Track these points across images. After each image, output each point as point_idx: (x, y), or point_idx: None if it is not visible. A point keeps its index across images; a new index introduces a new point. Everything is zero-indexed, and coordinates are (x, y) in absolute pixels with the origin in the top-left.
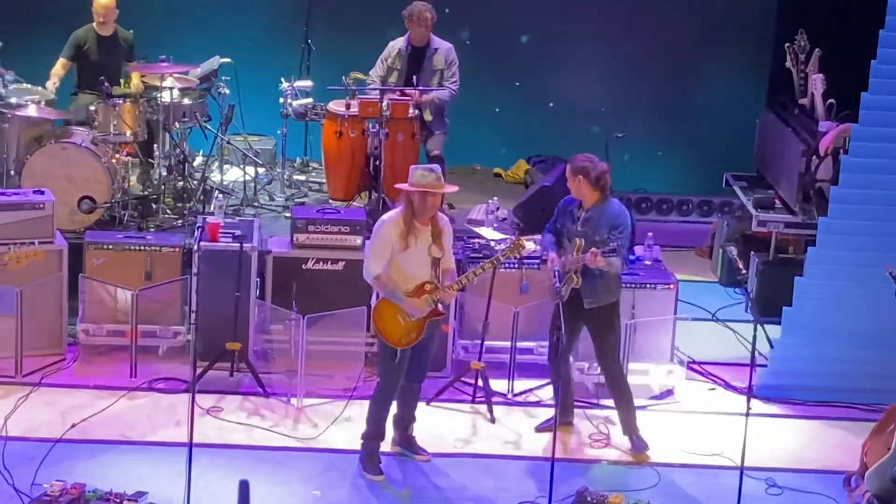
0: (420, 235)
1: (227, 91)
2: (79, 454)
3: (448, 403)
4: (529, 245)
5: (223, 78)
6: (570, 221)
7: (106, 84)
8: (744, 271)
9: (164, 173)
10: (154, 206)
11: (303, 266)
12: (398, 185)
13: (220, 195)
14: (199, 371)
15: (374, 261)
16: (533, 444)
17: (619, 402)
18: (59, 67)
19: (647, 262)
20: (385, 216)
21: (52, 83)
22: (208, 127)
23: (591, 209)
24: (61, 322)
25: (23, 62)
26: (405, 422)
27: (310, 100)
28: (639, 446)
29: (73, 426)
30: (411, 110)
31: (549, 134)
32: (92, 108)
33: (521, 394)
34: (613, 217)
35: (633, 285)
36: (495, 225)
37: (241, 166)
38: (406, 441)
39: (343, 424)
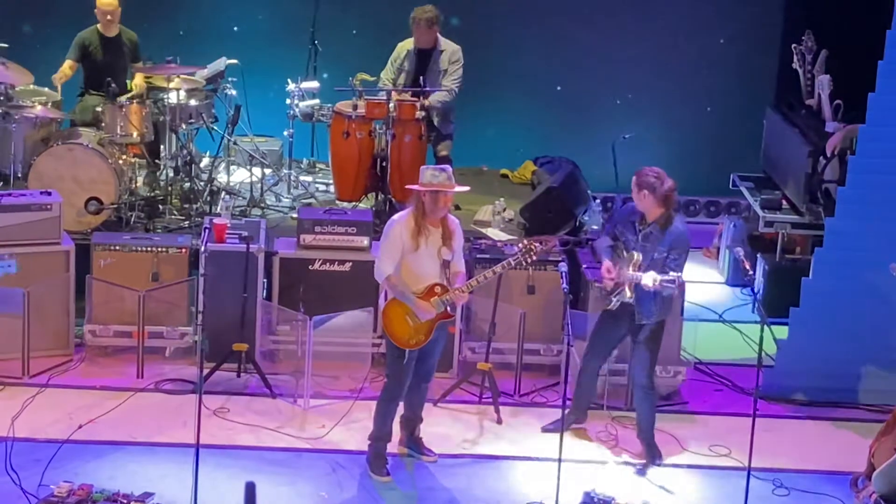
0: (430, 237)
1: (234, 92)
2: (86, 455)
3: (455, 404)
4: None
5: (230, 79)
6: (631, 233)
7: (112, 85)
8: (751, 272)
9: (171, 174)
10: (161, 207)
11: (309, 267)
12: (409, 186)
13: (227, 196)
14: (205, 372)
15: (385, 261)
16: (540, 446)
17: (644, 412)
18: (67, 68)
19: None
20: (396, 216)
21: (59, 77)
22: (215, 128)
23: (652, 224)
24: (68, 323)
25: (30, 64)
26: (412, 422)
27: (317, 101)
28: (654, 456)
29: (80, 427)
30: (418, 111)
31: (557, 135)
32: (98, 109)
33: (527, 394)
34: (675, 237)
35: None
36: (502, 226)
37: (248, 167)
38: (413, 442)
39: (350, 425)
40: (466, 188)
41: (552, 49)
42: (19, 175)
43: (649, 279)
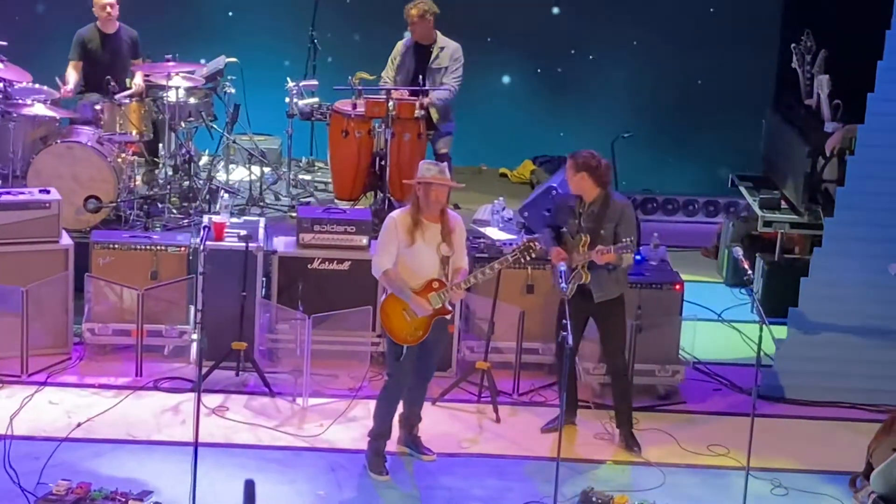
0: (428, 232)
1: (233, 90)
2: (84, 453)
3: (453, 403)
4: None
5: (229, 77)
6: (570, 217)
7: (112, 83)
8: (749, 272)
9: (170, 173)
10: (160, 205)
11: (308, 266)
12: (406, 181)
13: (226, 195)
14: (204, 370)
15: (382, 256)
16: (538, 444)
17: (620, 398)
18: (72, 70)
19: (653, 263)
20: (394, 212)
21: (69, 89)
22: (214, 126)
23: (592, 204)
24: (67, 321)
25: (31, 63)
26: (411, 421)
27: (316, 99)
28: (631, 445)
29: (79, 425)
30: (417, 110)
31: (555, 134)
32: (98, 107)
33: (526, 393)
34: (619, 211)
35: (639, 285)
36: (501, 225)
37: (247, 166)
38: (412, 440)
39: (348, 424)
40: (461, 185)
41: (551, 49)
42: (18, 173)
43: (599, 254)
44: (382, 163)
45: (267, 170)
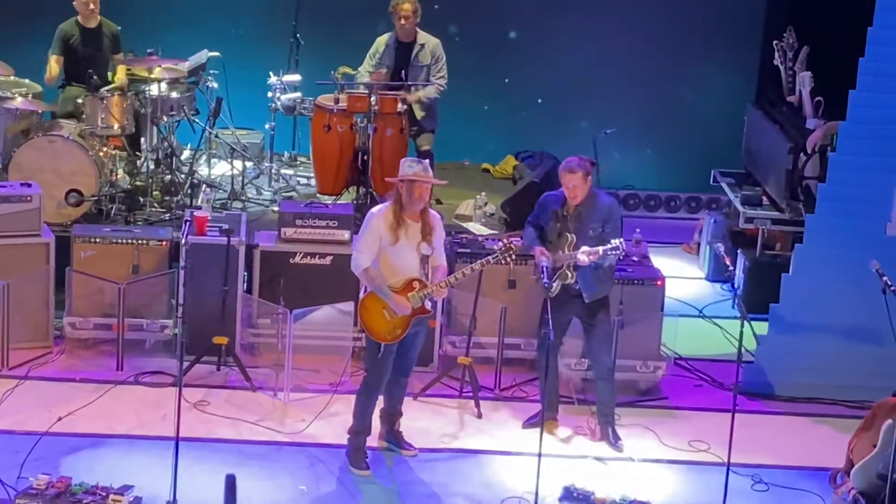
0: (410, 230)
1: (216, 85)
2: (65, 448)
3: (435, 398)
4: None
5: (211, 71)
6: (553, 220)
7: (94, 77)
8: (731, 268)
9: (152, 167)
10: (141, 199)
11: (290, 260)
12: (388, 179)
13: (208, 189)
14: (185, 365)
15: (363, 253)
16: (520, 440)
17: (604, 394)
18: (54, 63)
19: (635, 259)
20: (375, 208)
21: (51, 78)
22: (196, 120)
23: (580, 205)
24: (48, 315)
25: (13, 56)
26: (392, 416)
27: (298, 94)
28: (612, 440)
29: (60, 419)
30: (400, 105)
31: (538, 129)
32: (80, 101)
33: (508, 389)
34: (604, 209)
35: (621, 281)
36: (483, 220)
37: (229, 160)
38: (393, 436)
39: (330, 419)
40: (444, 182)
41: (533, 44)
42: None
43: (584, 255)
44: (365, 157)
45: (249, 164)
